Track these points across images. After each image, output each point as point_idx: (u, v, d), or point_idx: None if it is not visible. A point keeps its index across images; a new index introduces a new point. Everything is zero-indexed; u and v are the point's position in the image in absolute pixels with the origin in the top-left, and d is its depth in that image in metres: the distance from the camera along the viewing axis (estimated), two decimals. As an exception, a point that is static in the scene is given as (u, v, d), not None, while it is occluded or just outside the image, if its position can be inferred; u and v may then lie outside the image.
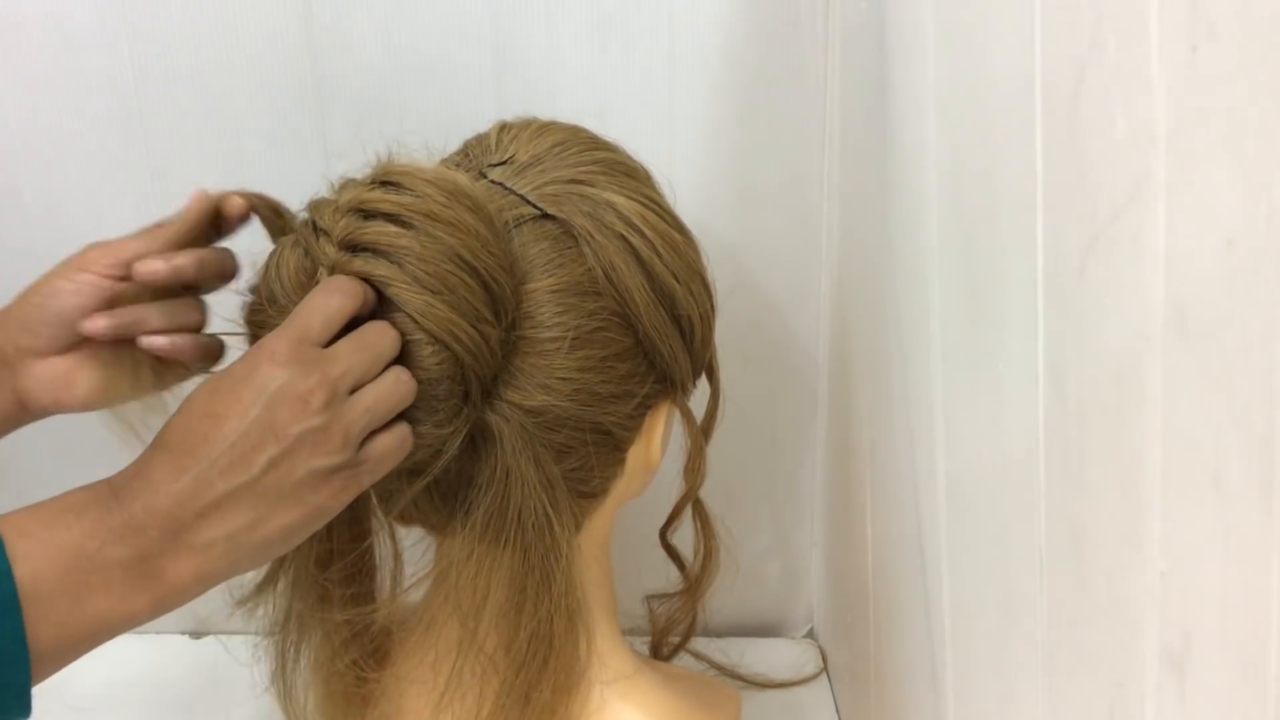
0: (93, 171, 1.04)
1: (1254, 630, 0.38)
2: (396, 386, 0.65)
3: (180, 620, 1.10)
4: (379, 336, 0.66)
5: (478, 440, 0.71)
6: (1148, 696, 0.45)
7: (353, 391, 0.64)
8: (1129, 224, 0.44)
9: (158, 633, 1.12)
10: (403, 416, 0.67)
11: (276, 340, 0.63)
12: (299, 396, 0.61)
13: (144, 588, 0.58)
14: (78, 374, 0.73)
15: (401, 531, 0.80)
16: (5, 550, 0.55)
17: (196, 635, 1.15)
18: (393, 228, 0.67)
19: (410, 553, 0.81)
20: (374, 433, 0.65)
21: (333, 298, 0.65)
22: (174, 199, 1.03)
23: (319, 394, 0.62)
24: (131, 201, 1.04)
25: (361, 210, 0.68)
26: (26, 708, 0.55)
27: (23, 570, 0.55)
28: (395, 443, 0.66)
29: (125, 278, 0.72)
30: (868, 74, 0.90)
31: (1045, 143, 0.52)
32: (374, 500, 0.78)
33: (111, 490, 0.59)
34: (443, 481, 0.72)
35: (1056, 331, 0.52)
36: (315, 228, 0.70)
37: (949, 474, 0.71)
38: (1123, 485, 0.46)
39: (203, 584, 0.61)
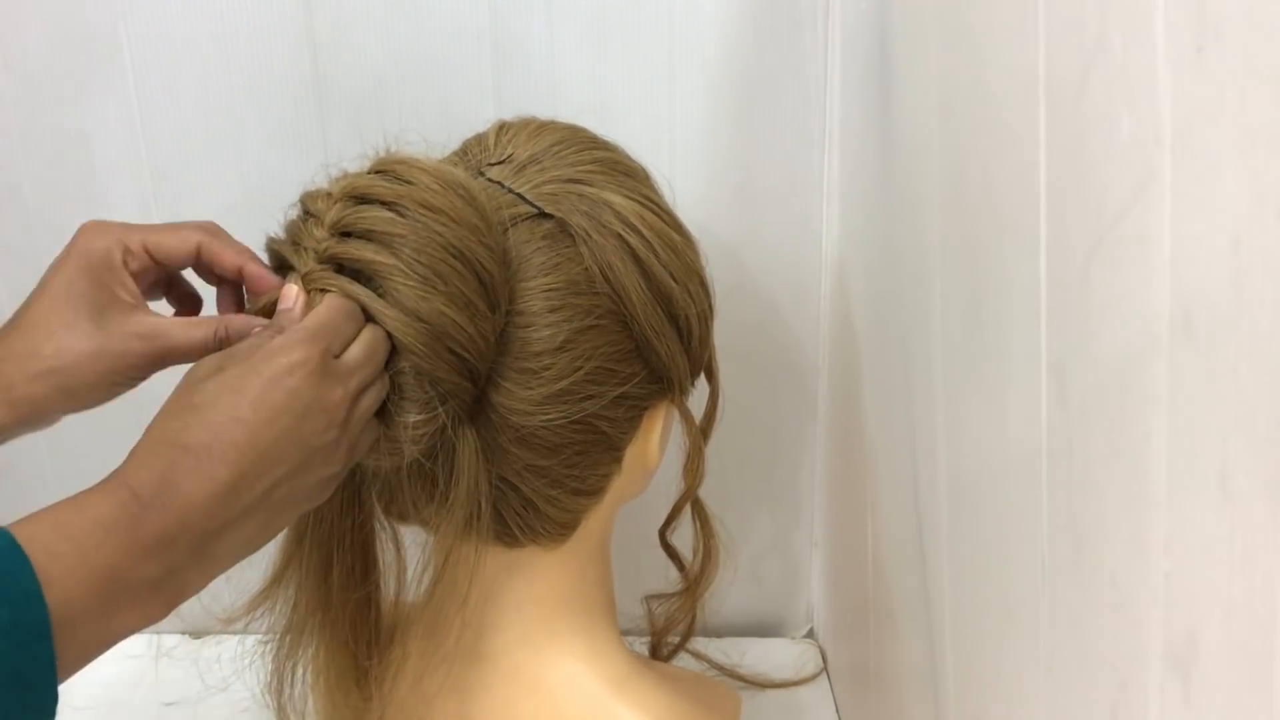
0: (93, 171, 1.04)
1: (1259, 631, 0.38)
2: (381, 391, 0.67)
3: (180, 620, 1.09)
4: (380, 344, 0.67)
5: (469, 435, 0.71)
6: (1151, 698, 0.45)
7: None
8: (1134, 224, 0.44)
9: (157, 633, 1.12)
10: (395, 406, 0.68)
11: (303, 347, 0.62)
12: (326, 410, 0.62)
13: (166, 600, 0.57)
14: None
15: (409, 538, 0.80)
16: (35, 572, 0.52)
17: (196, 635, 1.14)
18: (387, 214, 0.67)
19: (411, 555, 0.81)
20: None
21: (349, 321, 0.66)
22: (174, 199, 1.04)
23: (343, 408, 0.63)
24: (132, 201, 1.04)
25: (356, 196, 0.68)
26: None
27: (54, 595, 0.52)
28: (372, 427, 0.68)
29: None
30: (868, 74, 0.90)
31: (1049, 142, 0.52)
32: (375, 502, 0.78)
33: (136, 499, 0.56)
34: (435, 476, 0.72)
35: (1060, 332, 0.52)
36: (306, 213, 0.70)
37: (950, 474, 0.71)
38: (1126, 485, 0.46)
39: (205, 587, 0.60)
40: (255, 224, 0.74)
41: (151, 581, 0.56)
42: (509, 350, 0.72)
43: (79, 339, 0.66)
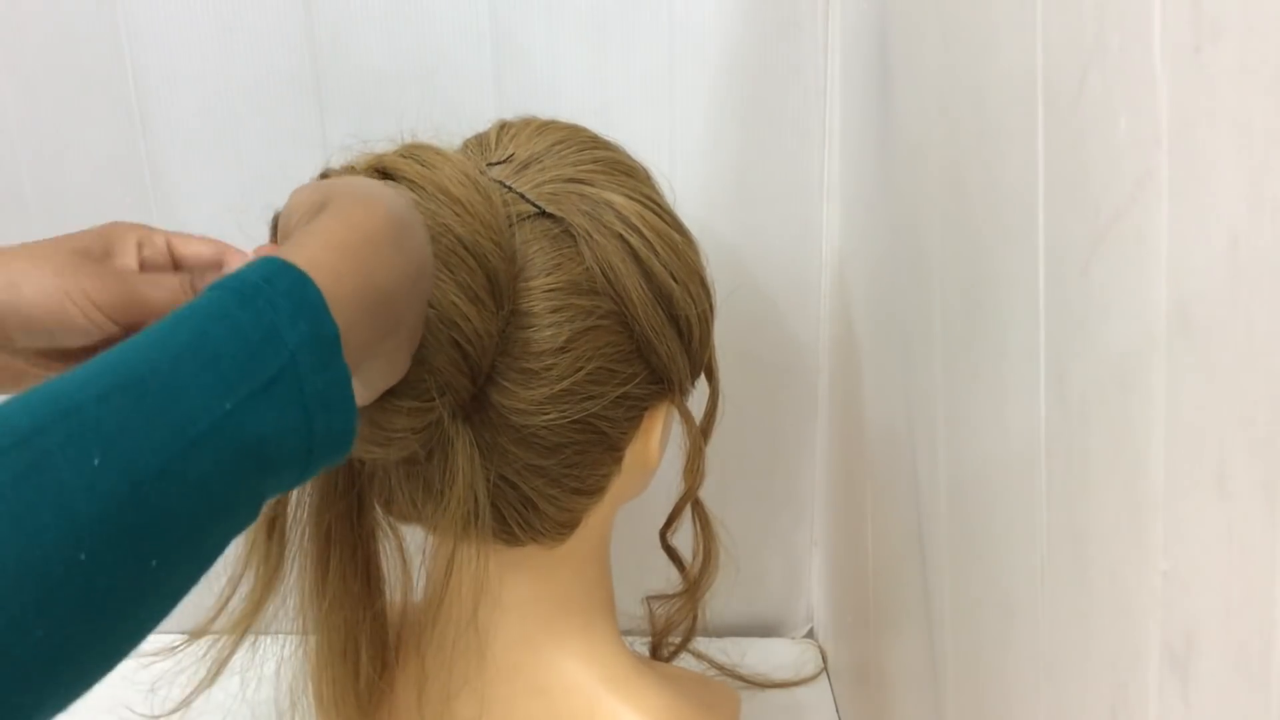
0: (93, 171, 1.04)
1: (1257, 630, 0.38)
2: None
3: (180, 620, 1.09)
4: None
5: (465, 433, 0.71)
6: (1150, 697, 0.45)
7: None
8: (1132, 223, 0.44)
9: (157, 633, 1.11)
10: (396, 396, 0.67)
11: None
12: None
13: (390, 326, 0.58)
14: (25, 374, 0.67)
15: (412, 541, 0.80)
16: (318, 287, 0.51)
17: (197, 635, 1.14)
18: (410, 195, 0.67)
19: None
20: None
21: None
22: (174, 199, 1.04)
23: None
24: (131, 201, 1.04)
25: (381, 170, 0.68)
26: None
27: (337, 311, 0.52)
28: None
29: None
30: (868, 74, 0.90)
31: (1047, 142, 0.52)
32: (376, 504, 0.78)
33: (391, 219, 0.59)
34: (429, 473, 0.73)
35: (1059, 331, 0.52)
36: None
37: (950, 473, 0.71)
38: (1125, 485, 0.46)
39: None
40: (255, 224, 0.74)
41: (388, 295, 0.56)
42: (510, 350, 0.72)
43: (46, 263, 0.64)
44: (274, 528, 0.76)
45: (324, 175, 0.70)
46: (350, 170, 0.69)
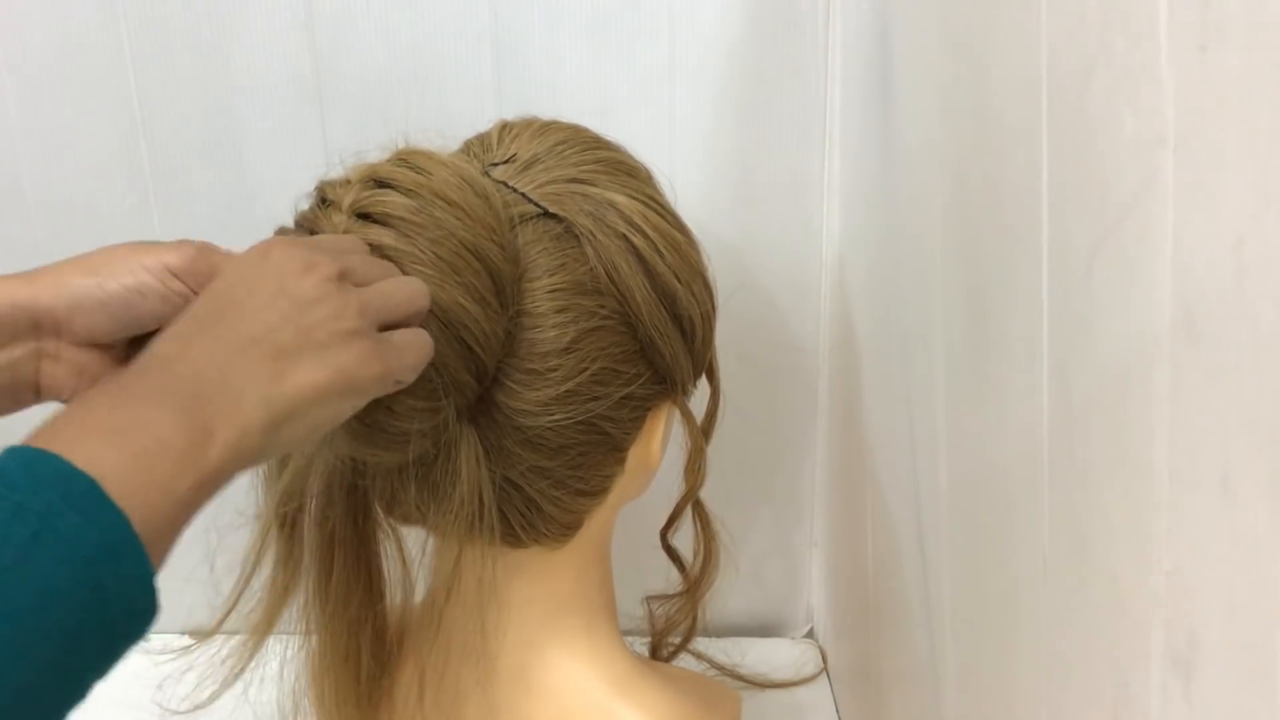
0: (93, 171, 1.04)
1: (1260, 630, 0.38)
2: (413, 294, 0.64)
3: (180, 620, 1.09)
4: (406, 281, 0.65)
5: (470, 435, 0.71)
6: (1153, 697, 0.45)
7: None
8: (1137, 224, 0.44)
9: (157, 633, 1.11)
10: (401, 395, 0.66)
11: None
12: (307, 265, 0.60)
13: (197, 471, 0.53)
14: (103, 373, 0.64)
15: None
16: (122, 515, 0.48)
17: (196, 635, 1.14)
18: (407, 201, 0.67)
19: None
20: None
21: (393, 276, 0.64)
22: (174, 199, 1.04)
23: (326, 267, 0.60)
24: (131, 201, 1.04)
25: (376, 180, 0.68)
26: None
27: (139, 523, 0.48)
28: (416, 339, 0.64)
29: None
30: (868, 74, 0.90)
31: (1051, 142, 0.52)
32: (378, 507, 0.78)
33: (200, 427, 0.53)
34: (434, 475, 0.72)
35: (1062, 331, 0.52)
36: (323, 200, 0.69)
37: (951, 473, 0.71)
38: (1128, 485, 0.46)
39: (239, 456, 0.55)
40: (255, 224, 0.74)
41: (217, 488, 0.54)
42: (515, 351, 0.72)
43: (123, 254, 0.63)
44: (293, 528, 0.76)
45: (320, 193, 0.70)
46: (345, 183, 0.69)
